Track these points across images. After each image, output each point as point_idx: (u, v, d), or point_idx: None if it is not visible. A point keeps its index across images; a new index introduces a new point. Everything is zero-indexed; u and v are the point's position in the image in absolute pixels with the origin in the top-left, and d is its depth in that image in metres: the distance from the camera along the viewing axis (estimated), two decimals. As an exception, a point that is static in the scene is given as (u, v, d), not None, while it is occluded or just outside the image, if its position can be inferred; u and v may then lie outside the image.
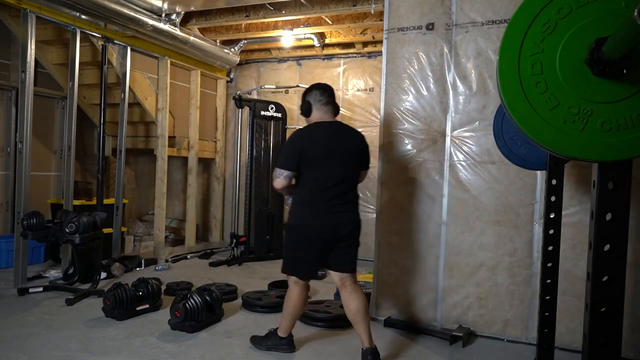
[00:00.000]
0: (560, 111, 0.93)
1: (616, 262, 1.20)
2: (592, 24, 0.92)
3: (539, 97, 0.94)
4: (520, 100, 0.96)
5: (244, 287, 4.09)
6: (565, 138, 0.94)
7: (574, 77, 0.93)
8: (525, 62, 0.95)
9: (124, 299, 3.25)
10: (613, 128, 0.91)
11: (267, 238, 5.63)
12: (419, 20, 3.30)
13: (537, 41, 0.95)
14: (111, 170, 5.34)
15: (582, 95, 0.93)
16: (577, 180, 2.86)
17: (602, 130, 0.91)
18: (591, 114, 0.91)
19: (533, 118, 0.95)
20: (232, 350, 2.84)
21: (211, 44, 5.66)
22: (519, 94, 0.96)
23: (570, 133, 0.93)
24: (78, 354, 2.71)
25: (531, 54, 0.95)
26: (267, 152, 5.67)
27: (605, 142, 0.93)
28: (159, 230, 5.40)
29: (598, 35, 0.91)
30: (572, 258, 2.84)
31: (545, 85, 0.94)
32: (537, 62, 0.94)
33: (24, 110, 3.96)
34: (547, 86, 0.94)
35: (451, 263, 3.20)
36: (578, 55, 0.93)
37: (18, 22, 4.20)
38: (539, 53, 0.95)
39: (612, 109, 0.91)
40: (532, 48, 0.95)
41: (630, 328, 2.74)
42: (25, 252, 4.00)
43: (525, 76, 0.95)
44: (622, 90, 0.90)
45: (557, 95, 0.94)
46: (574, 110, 0.92)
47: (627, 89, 0.90)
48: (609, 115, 0.91)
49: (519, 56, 0.96)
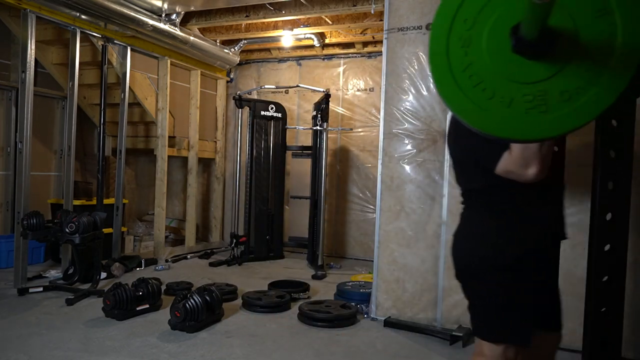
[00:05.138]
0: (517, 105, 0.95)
1: (616, 262, 1.20)
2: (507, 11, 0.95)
3: (489, 103, 0.97)
4: (484, 120, 0.98)
5: (244, 287, 4.09)
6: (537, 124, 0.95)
7: (511, 69, 0.95)
8: (463, 79, 0.98)
9: (124, 299, 3.25)
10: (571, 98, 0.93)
11: (267, 238, 5.63)
12: (419, 20, 3.30)
13: (462, 57, 0.98)
14: (111, 170, 5.34)
15: (512, 78, 0.95)
16: (577, 180, 2.86)
17: (561, 100, 0.93)
18: (546, 94, 0.93)
19: (475, 112, 0.97)
20: (232, 350, 2.84)
21: (211, 44, 5.66)
22: (478, 112, 0.98)
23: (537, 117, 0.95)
24: (78, 354, 2.71)
25: (464, 71, 0.98)
26: (267, 152, 5.67)
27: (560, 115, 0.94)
28: (159, 230, 5.40)
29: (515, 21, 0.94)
30: (572, 258, 2.84)
31: (492, 91, 0.97)
32: (473, 74, 0.97)
33: (24, 110, 3.96)
34: (493, 91, 0.96)
35: (451, 263, 3.19)
36: (505, 44, 0.95)
37: (18, 22, 4.20)
38: (470, 65, 0.97)
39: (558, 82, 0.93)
40: (462, 65, 0.98)
41: (630, 328, 2.74)
42: (25, 252, 4.00)
43: (473, 93, 0.97)
44: (554, 65, 0.93)
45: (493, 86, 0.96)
46: (529, 97, 0.94)
47: (557, 63, 0.93)
48: (561, 87, 0.93)
49: (454, 77, 0.98)
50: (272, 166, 5.67)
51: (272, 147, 5.68)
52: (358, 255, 5.87)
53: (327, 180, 5.30)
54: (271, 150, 5.68)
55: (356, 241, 5.91)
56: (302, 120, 6.20)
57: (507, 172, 1.38)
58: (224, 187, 6.53)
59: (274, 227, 5.67)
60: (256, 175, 5.59)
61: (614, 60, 0.91)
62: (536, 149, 1.30)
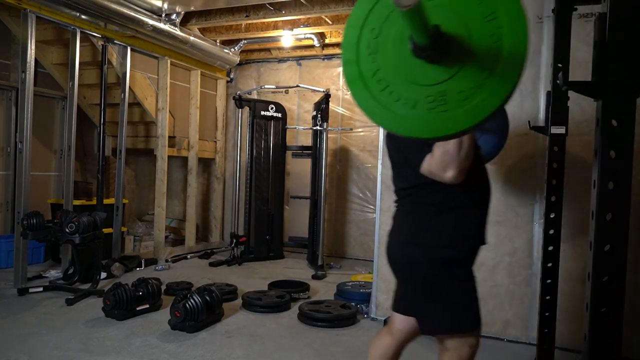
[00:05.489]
0: (421, 105, 1.01)
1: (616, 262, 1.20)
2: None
3: (396, 105, 1.03)
4: (393, 121, 1.04)
5: (244, 287, 4.09)
6: (439, 123, 1.01)
7: (414, 72, 1.01)
8: (373, 84, 1.04)
9: (124, 299, 3.25)
10: (467, 98, 0.98)
11: (267, 238, 5.63)
12: (419, 20, 3.29)
13: (370, 64, 1.04)
14: (111, 170, 5.34)
15: (415, 81, 1.01)
16: (577, 180, 2.86)
17: (459, 100, 0.98)
18: (445, 94, 0.99)
19: (410, 124, 1.02)
20: (232, 350, 2.84)
21: (211, 44, 5.66)
22: (387, 114, 1.04)
23: (439, 116, 1.00)
24: (78, 354, 2.71)
25: (373, 76, 1.04)
26: (267, 152, 5.67)
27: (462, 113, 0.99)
28: (159, 230, 5.40)
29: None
30: (572, 258, 2.84)
31: (398, 94, 1.03)
32: (381, 79, 1.04)
33: (24, 110, 3.96)
34: (399, 94, 1.02)
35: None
36: (407, 50, 1.01)
37: (18, 22, 4.20)
38: (379, 71, 1.04)
39: (456, 83, 0.99)
40: (371, 71, 1.04)
41: (630, 328, 2.74)
42: (25, 252, 4.00)
43: (381, 96, 1.04)
44: (451, 67, 0.99)
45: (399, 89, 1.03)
46: (431, 98, 1.00)
47: (453, 65, 0.99)
48: (458, 88, 0.99)
49: (365, 82, 1.05)
50: (272, 166, 5.67)
51: (272, 147, 5.68)
52: (358, 255, 5.87)
53: (327, 180, 5.30)
54: (271, 150, 5.68)
55: (356, 241, 5.92)
56: (302, 120, 6.20)
57: (430, 173, 1.49)
58: (224, 187, 6.54)
59: (274, 227, 5.67)
60: (256, 175, 5.59)
61: (502, 64, 0.96)
62: (454, 154, 1.40)
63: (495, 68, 0.97)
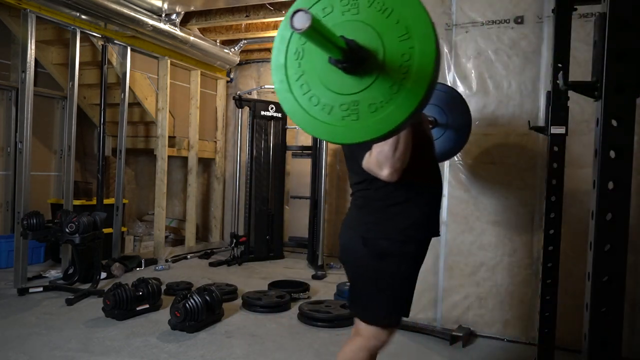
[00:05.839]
0: (336, 112, 1.09)
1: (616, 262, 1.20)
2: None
3: (315, 109, 1.10)
4: (311, 123, 1.11)
5: (244, 287, 4.09)
6: (347, 131, 1.08)
7: (332, 81, 1.09)
8: (296, 88, 1.12)
9: (124, 299, 3.25)
10: (377, 110, 1.06)
11: (267, 238, 5.63)
12: (419, 20, 3.29)
13: (296, 68, 1.12)
14: (111, 170, 5.34)
15: (341, 92, 1.09)
16: (577, 180, 2.86)
17: (369, 112, 1.06)
18: (358, 105, 1.07)
19: (325, 129, 1.10)
20: (232, 350, 2.84)
21: (211, 44, 5.66)
22: (306, 117, 1.11)
23: (350, 125, 1.08)
24: (78, 354, 2.71)
25: (297, 80, 1.12)
26: (267, 152, 5.67)
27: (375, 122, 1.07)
28: (159, 230, 5.40)
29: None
30: (572, 258, 2.84)
31: (317, 98, 1.11)
32: (304, 83, 1.12)
33: (24, 110, 3.96)
34: (318, 99, 1.10)
35: (451, 263, 3.20)
36: (328, 67, 1.09)
37: (18, 22, 4.20)
38: (303, 75, 1.12)
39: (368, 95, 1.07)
40: (296, 75, 1.12)
41: (630, 328, 2.74)
42: (25, 252, 4.00)
43: (302, 99, 1.11)
44: (365, 80, 1.07)
45: (318, 95, 1.11)
46: (345, 107, 1.08)
47: (367, 79, 1.06)
48: (369, 100, 1.06)
49: (289, 85, 1.13)
50: (272, 166, 5.67)
51: (272, 147, 5.68)
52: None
53: (327, 180, 5.30)
54: (271, 150, 5.68)
55: (356, 241, 5.90)
56: (302, 120, 6.19)
57: (369, 170, 1.57)
58: (224, 187, 6.54)
59: (274, 227, 5.67)
60: (256, 175, 5.59)
61: (410, 81, 1.03)
62: (389, 154, 1.48)
63: (404, 84, 1.03)
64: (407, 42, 1.03)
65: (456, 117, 2.43)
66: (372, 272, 1.65)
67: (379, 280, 1.65)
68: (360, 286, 1.70)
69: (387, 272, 1.64)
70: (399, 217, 1.64)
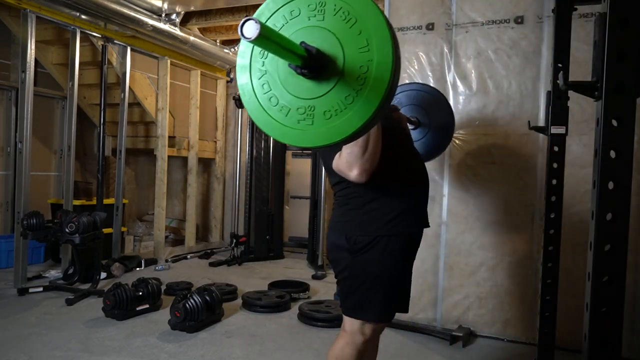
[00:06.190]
0: (293, 114, 1.11)
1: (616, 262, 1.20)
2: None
3: (273, 110, 1.13)
4: (269, 123, 1.13)
5: (244, 287, 4.09)
6: (302, 134, 1.11)
7: (292, 84, 1.11)
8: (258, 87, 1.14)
9: (124, 299, 3.25)
10: (332, 116, 1.08)
11: (267, 238, 5.63)
12: (419, 20, 3.30)
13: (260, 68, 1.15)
14: (111, 170, 5.34)
15: (299, 96, 1.11)
16: (577, 180, 2.86)
17: (324, 118, 1.09)
18: (313, 110, 1.09)
19: (281, 130, 1.12)
20: (232, 350, 2.84)
21: (211, 44, 5.66)
22: (265, 116, 1.13)
23: (305, 129, 1.10)
24: (78, 354, 2.71)
25: (259, 79, 1.15)
26: (267, 152, 5.67)
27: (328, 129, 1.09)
28: (159, 230, 5.40)
29: None
30: (572, 258, 2.84)
31: (277, 99, 1.13)
32: (265, 83, 1.14)
33: (24, 110, 3.96)
34: (277, 100, 1.13)
35: (451, 263, 3.20)
36: (289, 70, 1.11)
37: (18, 22, 4.20)
38: (265, 75, 1.14)
39: (324, 102, 1.09)
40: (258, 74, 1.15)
41: (630, 328, 2.74)
42: (25, 252, 4.00)
43: (262, 98, 1.14)
44: (323, 87, 1.09)
45: (277, 96, 1.13)
46: (301, 110, 1.10)
47: (325, 86, 1.09)
48: (325, 107, 1.09)
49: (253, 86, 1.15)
50: (272, 166, 5.67)
51: (272, 147, 5.68)
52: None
53: (327, 180, 5.30)
54: (271, 150, 5.68)
55: (356, 241, 5.90)
56: (302, 120, 6.19)
57: (338, 171, 1.60)
58: (224, 187, 6.54)
59: (274, 227, 5.67)
60: (256, 175, 5.59)
61: (367, 91, 1.05)
62: (359, 155, 1.51)
63: (360, 95, 1.06)
64: (367, 55, 1.05)
65: (439, 117, 2.43)
66: (353, 269, 1.68)
67: (359, 276, 1.68)
68: (342, 282, 1.74)
69: (368, 268, 1.67)
70: (377, 213, 1.67)
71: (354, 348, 1.71)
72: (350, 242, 1.67)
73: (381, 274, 1.68)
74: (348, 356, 1.70)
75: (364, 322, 1.70)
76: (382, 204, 1.68)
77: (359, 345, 1.71)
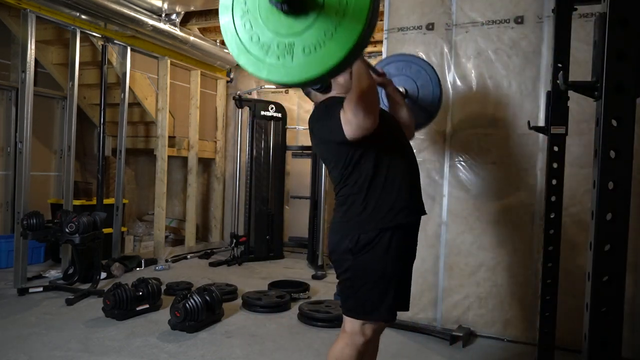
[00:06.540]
0: (273, 51, 1.14)
1: (616, 262, 1.20)
2: None
3: (255, 47, 1.16)
4: (250, 61, 1.16)
5: (244, 287, 4.09)
6: (284, 70, 1.13)
7: (273, 21, 1.14)
8: (240, 26, 1.18)
9: (124, 299, 3.25)
10: (311, 52, 1.11)
11: (267, 238, 5.63)
12: (419, 20, 3.30)
13: (242, 8, 1.18)
14: (111, 170, 5.34)
15: (280, 32, 1.14)
16: (577, 180, 2.86)
17: (304, 54, 1.11)
18: (292, 46, 1.13)
19: (262, 66, 1.15)
20: (232, 350, 2.84)
21: (211, 44, 5.66)
22: (247, 55, 1.16)
23: (286, 64, 1.13)
24: (78, 354, 2.71)
25: (241, 18, 1.18)
26: (267, 152, 5.67)
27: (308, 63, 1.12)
28: (159, 230, 5.40)
29: None
30: (572, 258, 2.84)
31: (257, 37, 1.16)
32: (247, 21, 1.17)
33: (24, 110, 3.96)
34: (258, 38, 1.16)
35: (451, 263, 3.20)
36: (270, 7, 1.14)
37: (18, 22, 4.20)
38: (246, 14, 1.17)
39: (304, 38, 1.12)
40: (240, 13, 1.18)
41: (630, 328, 2.74)
42: (25, 252, 4.00)
43: (244, 37, 1.17)
44: (302, 22, 1.12)
45: (258, 33, 1.16)
46: (282, 46, 1.13)
47: (304, 21, 1.11)
48: (304, 43, 1.12)
49: (235, 25, 1.18)
50: (272, 166, 5.67)
51: (272, 147, 5.68)
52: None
53: (327, 180, 5.30)
54: (271, 150, 5.68)
55: (356, 241, 5.90)
56: (302, 120, 6.20)
57: (348, 123, 1.58)
58: (224, 187, 6.53)
59: (274, 227, 5.67)
60: (256, 175, 5.59)
61: (347, 20, 1.08)
62: (359, 100, 1.53)
63: (341, 23, 1.09)
64: None
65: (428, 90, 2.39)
66: (355, 269, 1.69)
67: (361, 277, 1.69)
68: (344, 283, 1.74)
69: (370, 269, 1.68)
70: (375, 208, 1.69)
71: (354, 349, 1.71)
72: (352, 242, 1.68)
73: (383, 273, 1.68)
74: (348, 357, 1.71)
75: (365, 322, 1.70)
76: (378, 199, 1.69)
77: (359, 346, 1.71)
